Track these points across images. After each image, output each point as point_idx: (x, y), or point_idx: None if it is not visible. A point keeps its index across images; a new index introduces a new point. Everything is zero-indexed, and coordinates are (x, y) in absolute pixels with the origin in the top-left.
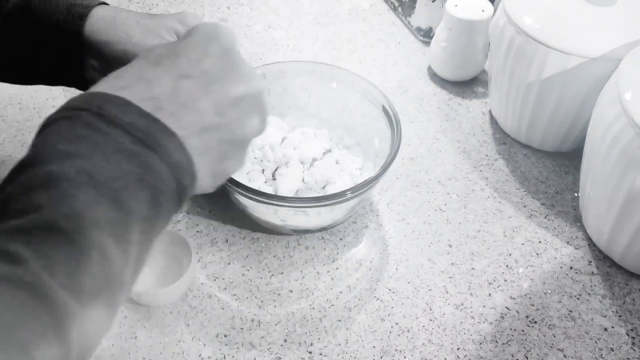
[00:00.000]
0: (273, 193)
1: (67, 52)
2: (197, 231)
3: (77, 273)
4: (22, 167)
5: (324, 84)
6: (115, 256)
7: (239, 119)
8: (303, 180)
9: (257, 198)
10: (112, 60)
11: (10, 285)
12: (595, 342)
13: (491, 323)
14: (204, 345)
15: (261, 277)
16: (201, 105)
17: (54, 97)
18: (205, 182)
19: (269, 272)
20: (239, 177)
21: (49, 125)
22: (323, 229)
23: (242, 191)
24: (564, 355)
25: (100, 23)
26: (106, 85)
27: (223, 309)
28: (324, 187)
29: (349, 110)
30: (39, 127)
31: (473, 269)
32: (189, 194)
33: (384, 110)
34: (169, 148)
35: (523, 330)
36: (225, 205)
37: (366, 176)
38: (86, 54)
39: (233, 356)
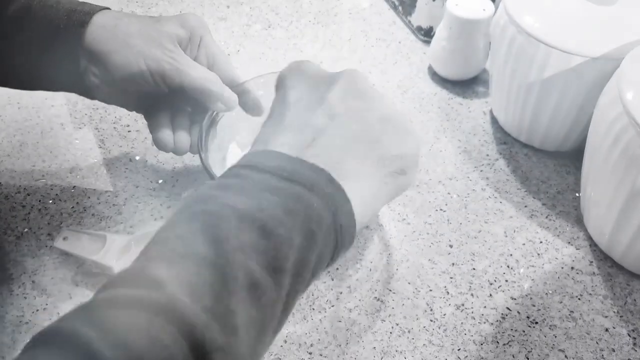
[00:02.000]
0: None
1: (68, 59)
2: None
3: (223, 296)
4: (175, 212)
5: None
6: (266, 283)
7: (388, 141)
8: None
9: None
10: (113, 69)
11: (146, 310)
12: (597, 342)
13: (492, 324)
14: None
15: None
16: (362, 174)
17: (53, 97)
18: (372, 210)
19: None
20: None
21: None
22: None
23: None
24: (565, 356)
25: (101, 32)
26: (258, 143)
27: None
28: None
29: None
30: None
31: (474, 269)
32: (349, 232)
33: None
34: (318, 181)
35: (524, 331)
36: None
37: None
38: (87, 61)
39: None
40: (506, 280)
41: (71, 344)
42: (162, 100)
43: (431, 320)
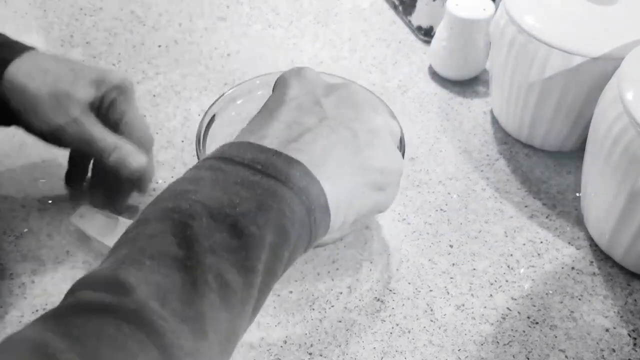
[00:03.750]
0: None
1: None
2: None
3: (194, 299)
4: (146, 208)
5: None
6: (236, 284)
7: (371, 152)
8: None
9: None
10: (32, 104)
11: (115, 316)
12: (597, 342)
13: (492, 324)
14: None
15: None
16: (344, 169)
17: None
18: (346, 215)
19: None
20: None
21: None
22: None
23: None
24: (566, 356)
25: (21, 68)
26: (242, 134)
27: None
28: None
29: None
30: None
31: (474, 269)
32: (323, 225)
33: None
34: (293, 174)
35: (524, 331)
36: None
37: None
38: (8, 98)
39: (233, 357)
40: (506, 281)
41: (38, 353)
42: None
43: (431, 321)
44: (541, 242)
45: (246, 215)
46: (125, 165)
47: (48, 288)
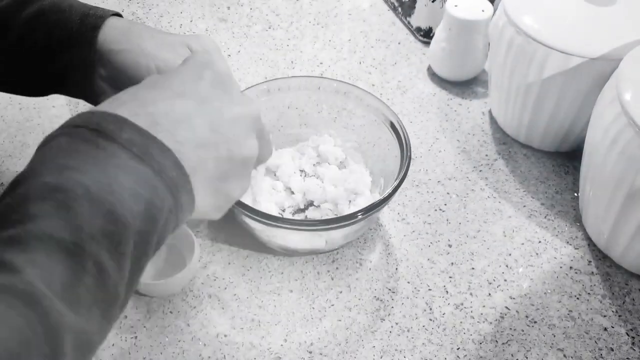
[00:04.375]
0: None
1: (80, 64)
2: (197, 231)
3: (73, 283)
4: (20, 180)
5: (331, 99)
6: (111, 268)
7: (235, 138)
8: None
9: (265, 221)
10: (122, 70)
11: (4, 294)
12: (595, 342)
13: (491, 323)
14: (204, 345)
15: (261, 277)
16: (195, 122)
17: (54, 97)
18: (207, 202)
19: (269, 272)
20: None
21: (48, 142)
22: (324, 251)
23: (249, 213)
24: (564, 355)
25: (114, 32)
26: (104, 105)
27: (223, 309)
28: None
29: (357, 127)
30: (39, 145)
31: (473, 268)
32: (187, 212)
33: (394, 128)
34: (165, 165)
35: (523, 330)
36: None
37: (374, 195)
38: (97, 63)
39: (233, 356)
40: (505, 280)
41: None
42: None
43: (430, 320)
44: (539, 242)
45: (122, 202)
46: None
47: None
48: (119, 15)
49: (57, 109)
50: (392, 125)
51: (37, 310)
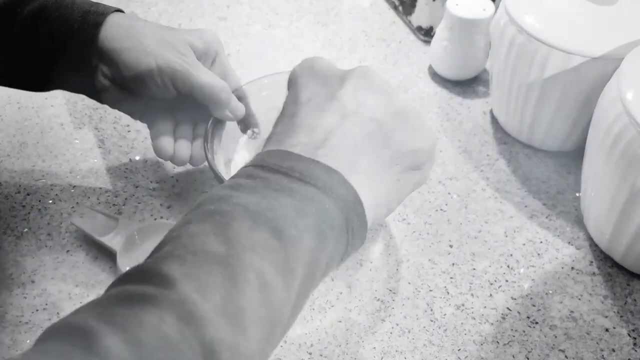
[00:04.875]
0: None
1: (81, 60)
2: None
3: (233, 295)
4: (188, 212)
5: None
6: (276, 283)
7: (401, 136)
8: None
9: None
10: (124, 67)
11: (156, 306)
12: (597, 342)
13: (492, 324)
14: None
15: None
16: (379, 153)
17: (53, 96)
18: (386, 209)
19: None
20: None
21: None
22: None
23: None
24: (565, 356)
25: (116, 30)
26: (271, 143)
27: None
28: None
29: None
30: None
31: (474, 269)
32: (360, 236)
33: None
34: (330, 182)
35: (524, 331)
36: None
37: None
38: (98, 60)
39: None
40: (506, 280)
41: (83, 337)
42: (167, 108)
43: (431, 320)
44: (541, 242)
45: (286, 219)
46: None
47: (48, 288)
48: (120, 11)
49: (56, 108)
50: None
51: (191, 323)
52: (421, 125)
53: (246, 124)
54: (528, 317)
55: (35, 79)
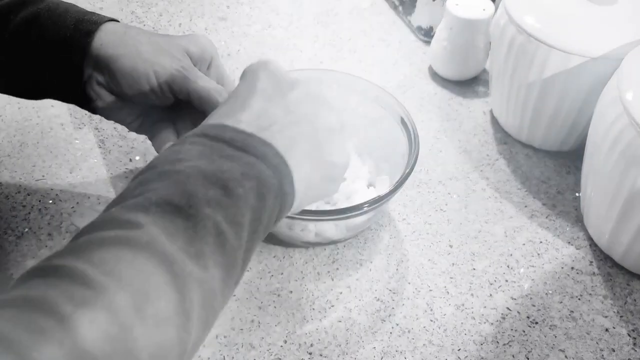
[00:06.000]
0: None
1: (72, 69)
2: None
3: (195, 239)
4: (139, 174)
5: (341, 95)
6: (229, 233)
7: (329, 148)
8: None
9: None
10: (120, 75)
11: (130, 247)
12: (597, 342)
13: (492, 324)
14: (204, 346)
15: (261, 278)
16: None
17: None
18: (314, 176)
19: (269, 272)
20: None
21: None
22: (331, 242)
23: None
24: (565, 356)
25: (110, 37)
26: (213, 117)
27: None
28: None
29: (364, 119)
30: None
31: (474, 269)
32: (289, 202)
33: (402, 122)
34: (267, 153)
35: (524, 331)
36: None
37: (381, 187)
38: (92, 69)
39: (233, 357)
40: (506, 280)
41: (66, 273)
42: (166, 117)
43: (431, 320)
44: (541, 242)
45: (234, 180)
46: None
47: None
48: (115, 20)
49: (56, 108)
50: (402, 121)
51: (163, 259)
52: (344, 144)
53: None
54: (528, 317)
55: (27, 87)
